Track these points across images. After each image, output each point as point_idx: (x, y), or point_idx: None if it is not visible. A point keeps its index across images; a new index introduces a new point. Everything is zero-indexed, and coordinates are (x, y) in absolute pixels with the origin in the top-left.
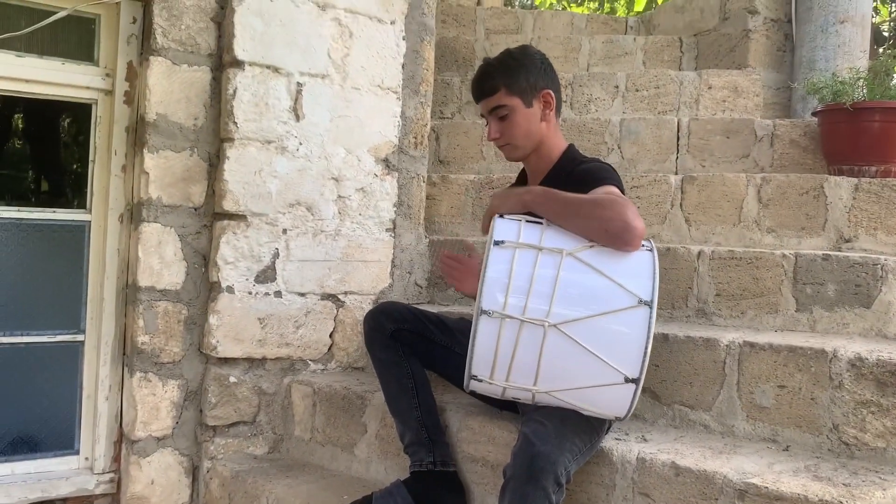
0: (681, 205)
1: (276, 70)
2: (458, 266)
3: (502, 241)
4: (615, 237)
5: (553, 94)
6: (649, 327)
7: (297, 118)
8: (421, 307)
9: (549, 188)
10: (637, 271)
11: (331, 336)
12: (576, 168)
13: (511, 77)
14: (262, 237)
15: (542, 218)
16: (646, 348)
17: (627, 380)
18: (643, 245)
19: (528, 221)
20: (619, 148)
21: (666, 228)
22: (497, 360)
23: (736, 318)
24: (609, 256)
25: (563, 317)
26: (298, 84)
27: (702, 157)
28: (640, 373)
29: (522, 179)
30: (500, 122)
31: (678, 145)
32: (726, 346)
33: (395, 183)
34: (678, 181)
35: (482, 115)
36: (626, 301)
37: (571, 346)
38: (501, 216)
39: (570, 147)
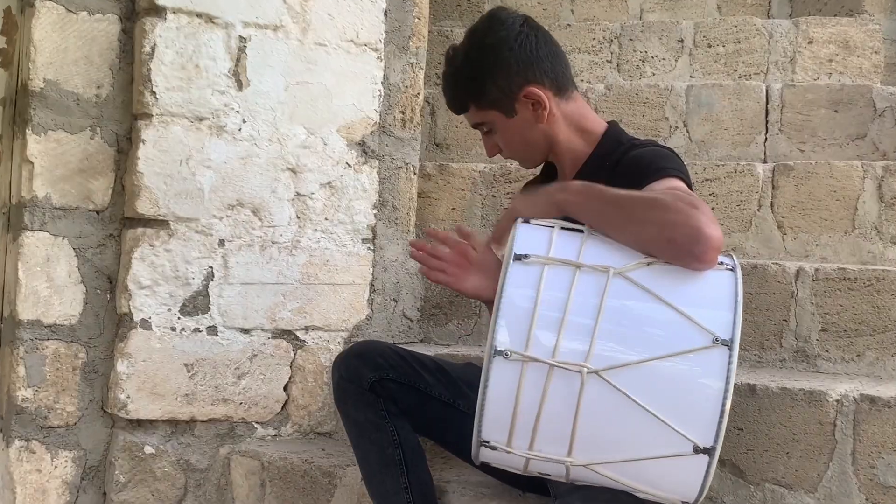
0: (771, 205)
1: (210, 19)
2: (447, 256)
3: (526, 256)
4: (681, 250)
5: (540, 88)
6: (728, 375)
7: (240, 86)
8: (412, 348)
9: (592, 183)
10: (712, 298)
11: (286, 389)
12: (624, 156)
13: (475, 89)
14: (190, 251)
15: (582, 224)
16: (723, 405)
17: (698, 449)
18: (721, 262)
19: (563, 228)
20: (684, 126)
21: (751, 237)
22: (517, 420)
23: (850, 363)
24: (674, 277)
25: (608, 360)
26: (241, 39)
27: (800, 137)
28: (716, 440)
29: (551, 172)
30: (490, 138)
31: (767, 122)
32: (837, 401)
33: (376, 175)
34: (768, 172)
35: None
36: (696, 339)
37: (620, 402)
38: (526, 221)
39: (612, 126)
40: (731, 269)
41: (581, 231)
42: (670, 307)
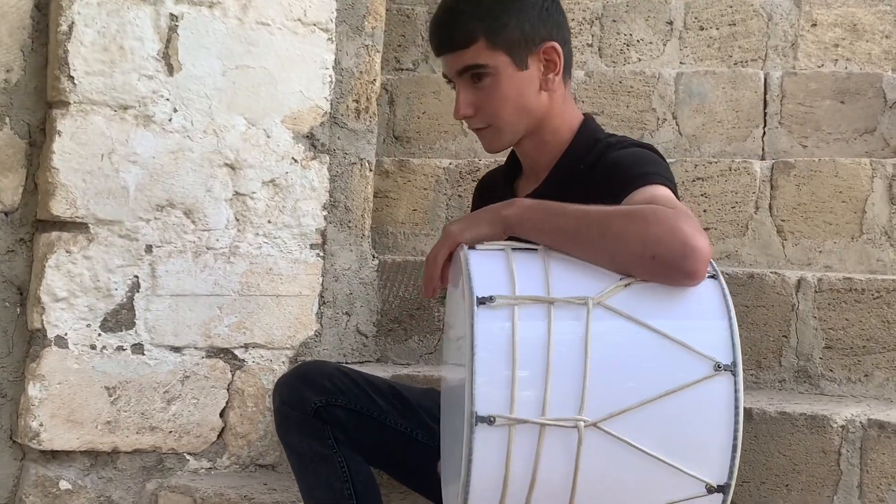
0: (770, 207)
1: None
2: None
3: (490, 298)
4: (668, 266)
5: (560, 48)
6: (737, 404)
7: (171, 70)
8: (367, 368)
9: (545, 201)
10: (702, 316)
11: (222, 415)
12: (600, 158)
13: (496, 21)
14: (112, 258)
15: (531, 243)
16: (735, 438)
17: (712, 489)
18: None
19: (514, 250)
20: (673, 118)
21: (747, 243)
22: (508, 491)
23: (856, 384)
24: (655, 298)
25: (605, 408)
26: (172, 16)
27: (802, 132)
28: (731, 476)
29: (511, 179)
30: (475, 91)
31: (765, 114)
32: (842, 426)
33: (326, 172)
34: (766, 170)
35: (446, 77)
36: (695, 368)
37: (624, 453)
38: (472, 248)
39: (587, 121)
40: (712, 277)
41: (534, 250)
42: (660, 334)
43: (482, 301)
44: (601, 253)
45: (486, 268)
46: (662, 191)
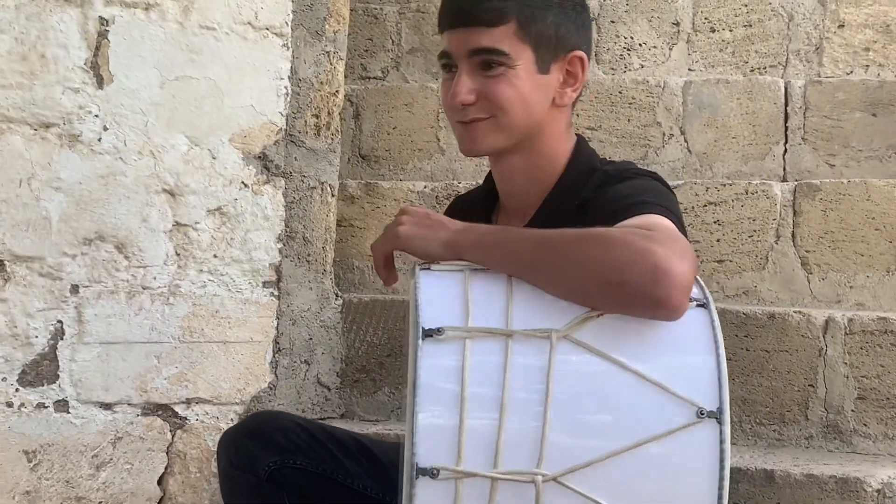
0: (793, 235)
1: None
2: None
3: (438, 330)
4: (638, 295)
5: (587, 62)
6: (722, 458)
7: (100, 82)
8: (328, 423)
9: (506, 226)
10: (685, 353)
11: (161, 482)
12: (596, 192)
13: (534, 9)
14: (32, 301)
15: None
16: (720, 497)
17: None
18: (690, 299)
19: (475, 271)
20: (681, 133)
21: (767, 278)
22: None
23: (894, 441)
24: (631, 331)
25: (567, 460)
26: (102, 20)
27: (829, 149)
28: None
29: (488, 209)
30: (481, 79)
31: (786, 129)
32: (878, 490)
33: (281, 198)
34: (788, 193)
35: (444, 60)
36: (675, 415)
37: None
38: (427, 268)
39: (580, 145)
40: (702, 305)
41: (500, 274)
42: (636, 375)
43: (429, 333)
44: (562, 282)
45: (439, 293)
46: (657, 219)
